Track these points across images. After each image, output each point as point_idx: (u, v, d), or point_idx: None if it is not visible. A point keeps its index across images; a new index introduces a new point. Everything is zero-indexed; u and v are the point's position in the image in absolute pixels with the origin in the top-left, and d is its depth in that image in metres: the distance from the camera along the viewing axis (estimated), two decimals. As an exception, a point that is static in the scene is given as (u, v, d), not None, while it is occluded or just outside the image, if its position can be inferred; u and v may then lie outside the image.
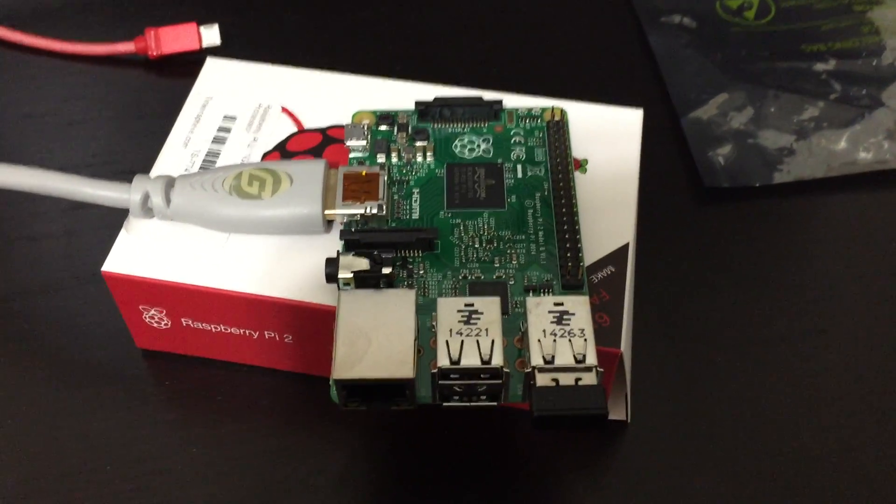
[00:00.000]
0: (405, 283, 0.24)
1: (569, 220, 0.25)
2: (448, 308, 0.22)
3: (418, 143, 0.26)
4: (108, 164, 0.32)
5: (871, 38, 0.35)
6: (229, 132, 0.28)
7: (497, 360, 0.21)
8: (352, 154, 0.27)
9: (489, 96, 0.28)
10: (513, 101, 0.28)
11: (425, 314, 0.23)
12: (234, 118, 0.28)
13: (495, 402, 0.22)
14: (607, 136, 0.28)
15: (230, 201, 0.25)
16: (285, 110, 0.29)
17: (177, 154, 0.27)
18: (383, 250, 0.24)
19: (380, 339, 0.21)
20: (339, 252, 0.23)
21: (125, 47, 0.35)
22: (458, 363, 0.21)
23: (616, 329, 0.24)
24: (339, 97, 0.29)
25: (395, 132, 0.27)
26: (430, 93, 0.28)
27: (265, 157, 0.27)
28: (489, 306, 0.22)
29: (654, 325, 0.28)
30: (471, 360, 0.21)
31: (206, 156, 0.27)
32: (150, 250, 0.25)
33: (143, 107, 0.34)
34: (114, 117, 0.34)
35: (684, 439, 0.26)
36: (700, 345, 0.28)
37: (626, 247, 0.25)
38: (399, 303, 0.22)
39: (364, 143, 0.26)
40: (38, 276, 0.30)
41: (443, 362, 0.21)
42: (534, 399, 0.21)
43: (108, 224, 0.28)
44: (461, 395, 0.21)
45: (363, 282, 0.23)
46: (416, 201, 0.25)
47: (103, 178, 0.26)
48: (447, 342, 0.21)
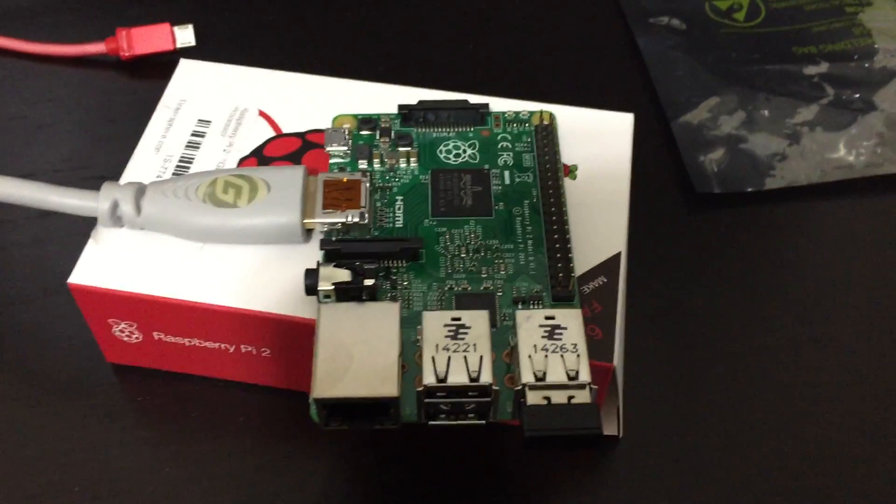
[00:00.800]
0: (388, 296, 0.23)
1: (559, 229, 0.24)
2: (434, 322, 0.21)
3: (401, 149, 0.26)
4: (78, 170, 0.32)
5: (862, 40, 0.35)
6: (204, 137, 0.28)
7: (486, 378, 0.20)
8: (332, 160, 0.26)
9: (475, 100, 0.27)
10: (499, 104, 0.28)
11: (410, 327, 0.22)
12: (209, 122, 0.28)
13: (484, 421, 0.21)
14: (597, 141, 0.27)
15: (204, 210, 0.24)
16: (262, 114, 0.28)
17: (148, 160, 0.27)
18: (365, 261, 0.23)
19: (362, 354, 0.21)
20: (319, 263, 0.23)
21: (96, 48, 0.35)
22: (444, 381, 0.20)
23: (609, 342, 0.23)
24: (318, 100, 0.28)
25: (378, 137, 0.27)
26: (413, 96, 0.28)
27: (241, 162, 0.27)
28: (477, 320, 0.21)
29: (645, 334, 0.28)
30: (458, 378, 0.20)
31: (180, 161, 0.27)
32: (120, 261, 0.25)
33: (114, 110, 0.34)
34: (84, 121, 0.34)
35: (677, 453, 0.26)
36: (692, 353, 0.28)
37: (617, 256, 0.25)
38: (382, 316, 0.22)
39: (345, 148, 0.26)
40: (4, 286, 0.29)
41: (429, 380, 0.20)
42: (525, 419, 0.20)
43: (78, 232, 0.28)
44: (448, 414, 0.21)
45: (344, 294, 0.22)
46: (399, 209, 0.25)
47: (71, 185, 0.25)
48: (433, 358, 0.21)
